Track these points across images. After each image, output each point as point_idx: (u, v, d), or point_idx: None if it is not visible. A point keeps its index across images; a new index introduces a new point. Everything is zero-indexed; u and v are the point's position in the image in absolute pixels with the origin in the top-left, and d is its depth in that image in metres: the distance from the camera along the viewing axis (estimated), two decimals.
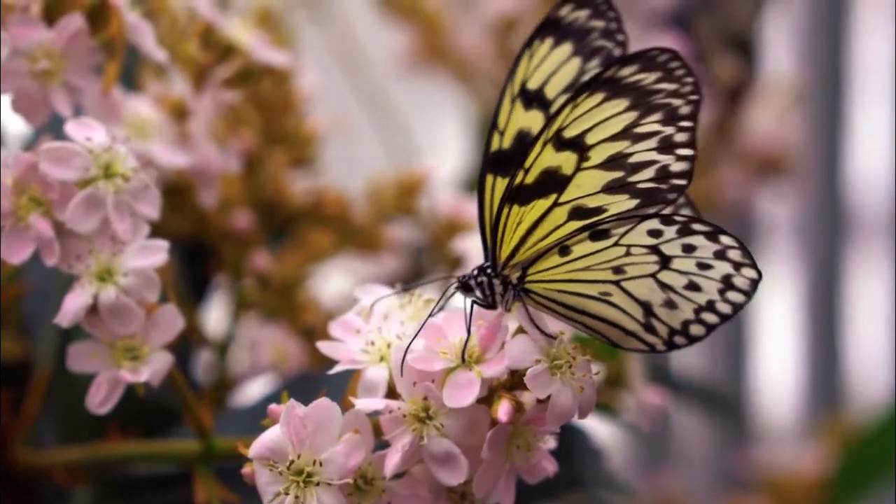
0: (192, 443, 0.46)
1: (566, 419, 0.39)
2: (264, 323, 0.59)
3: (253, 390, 0.62)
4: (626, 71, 0.40)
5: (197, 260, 0.60)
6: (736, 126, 0.79)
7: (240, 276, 0.58)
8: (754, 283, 0.41)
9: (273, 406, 0.41)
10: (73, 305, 0.42)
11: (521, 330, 0.40)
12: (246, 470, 0.40)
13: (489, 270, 0.42)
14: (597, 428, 0.54)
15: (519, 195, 0.41)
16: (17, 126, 0.57)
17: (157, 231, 0.44)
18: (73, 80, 0.45)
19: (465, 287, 0.42)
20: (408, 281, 0.45)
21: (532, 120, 0.43)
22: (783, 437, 1.13)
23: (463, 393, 0.39)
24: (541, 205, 0.41)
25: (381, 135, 0.76)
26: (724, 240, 0.41)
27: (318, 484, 0.39)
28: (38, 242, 0.42)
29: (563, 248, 0.41)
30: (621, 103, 0.41)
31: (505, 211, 0.41)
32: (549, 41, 0.43)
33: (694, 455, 1.07)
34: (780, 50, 1.04)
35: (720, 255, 0.41)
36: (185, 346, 0.56)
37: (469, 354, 0.40)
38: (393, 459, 0.40)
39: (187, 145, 0.49)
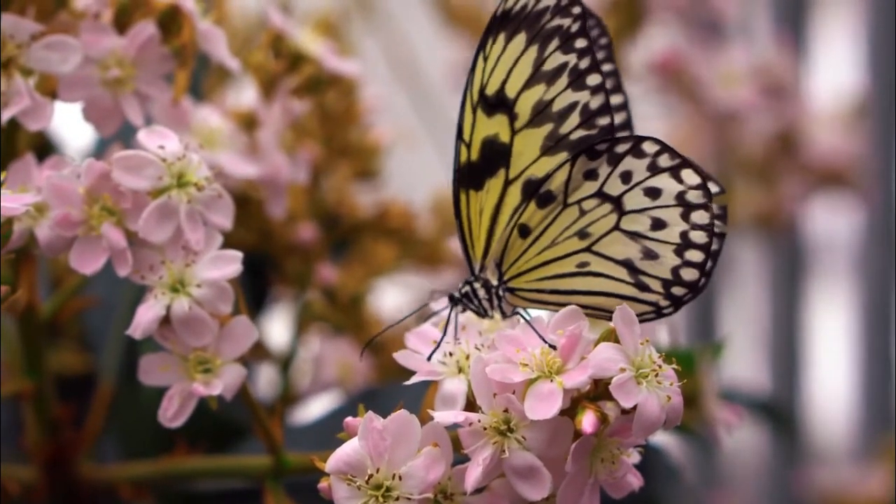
0: (263, 458, 0.45)
1: (653, 430, 0.38)
2: (328, 337, 0.58)
3: (313, 408, 0.61)
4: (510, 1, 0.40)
5: (254, 273, 0.60)
6: None
7: (304, 289, 0.57)
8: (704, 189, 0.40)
9: (350, 419, 0.40)
10: (145, 317, 0.42)
11: (604, 338, 0.39)
12: (322, 485, 0.39)
13: (470, 278, 0.42)
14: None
15: (471, 177, 0.41)
16: (77, 138, 0.57)
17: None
18: (143, 89, 0.45)
19: (452, 300, 0.42)
20: None
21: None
22: (838, 458, 1.11)
23: (545, 404, 0.38)
24: (494, 185, 0.41)
25: (438, 147, 0.76)
26: (647, 147, 0.40)
27: (397, 498, 0.38)
28: (111, 252, 0.42)
29: (522, 229, 0.41)
30: (521, 39, 0.40)
31: (463, 199, 0.41)
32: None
33: (750, 474, 1.06)
34: (841, 61, 1.03)
35: (653, 167, 0.40)
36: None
37: (549, 365, 0.39)
38: (474, 473, 0.39)
39: (256, 156, 0.48)
